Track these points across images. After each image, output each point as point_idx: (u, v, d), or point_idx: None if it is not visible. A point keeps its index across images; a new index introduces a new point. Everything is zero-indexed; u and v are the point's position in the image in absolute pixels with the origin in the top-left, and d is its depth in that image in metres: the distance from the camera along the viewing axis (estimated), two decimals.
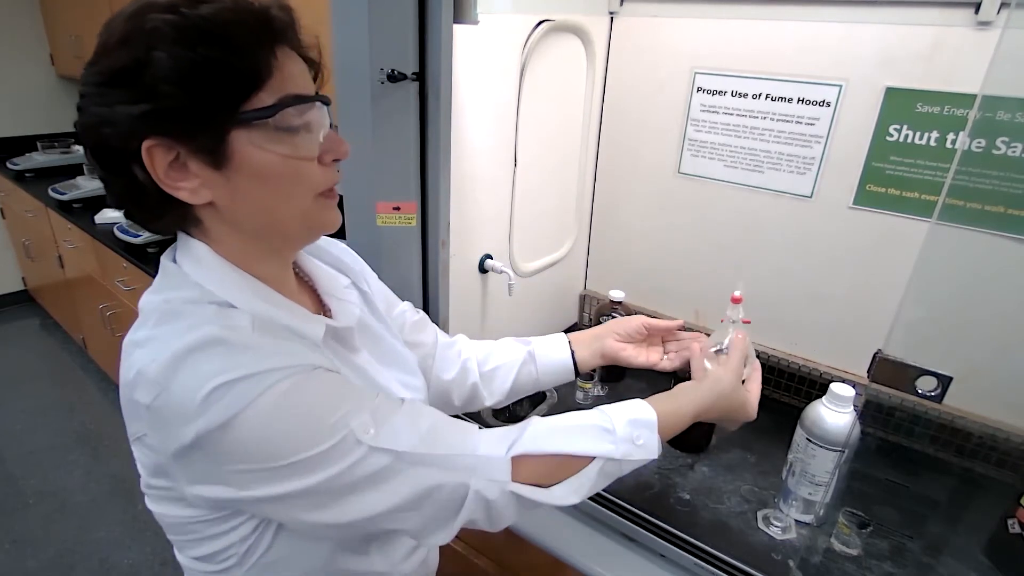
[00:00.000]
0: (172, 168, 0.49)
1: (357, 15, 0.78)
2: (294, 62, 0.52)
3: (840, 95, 0.99)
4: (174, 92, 0.46)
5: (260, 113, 0.49)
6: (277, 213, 0.54)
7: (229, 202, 0.52)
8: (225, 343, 0.48)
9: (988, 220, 0.87)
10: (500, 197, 1.09)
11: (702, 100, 1.13)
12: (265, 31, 0.50)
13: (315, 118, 0.53)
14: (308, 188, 0.54)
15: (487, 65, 0.95)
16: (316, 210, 0.55)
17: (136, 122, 0.47)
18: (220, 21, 0.47)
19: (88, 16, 2.54)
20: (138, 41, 0.46)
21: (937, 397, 0.63)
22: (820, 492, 0.87)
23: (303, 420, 0.48)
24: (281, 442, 0.47)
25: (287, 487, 0.48)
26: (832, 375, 1.12)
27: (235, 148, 0.49)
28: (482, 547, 1.03)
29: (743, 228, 1.16)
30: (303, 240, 0.60)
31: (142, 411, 0.49)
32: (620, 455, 0.61)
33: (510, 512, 0.59)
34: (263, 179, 0.51)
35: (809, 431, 0.86)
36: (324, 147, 0.54)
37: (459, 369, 0.82)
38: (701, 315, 1.27)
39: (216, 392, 0.45)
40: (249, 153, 0.50)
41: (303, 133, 0.52)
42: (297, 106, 0.51)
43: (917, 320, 0.68)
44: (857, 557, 0.83)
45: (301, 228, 0.57)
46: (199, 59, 0.46)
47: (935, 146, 0.93)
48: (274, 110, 0.49)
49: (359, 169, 0.88)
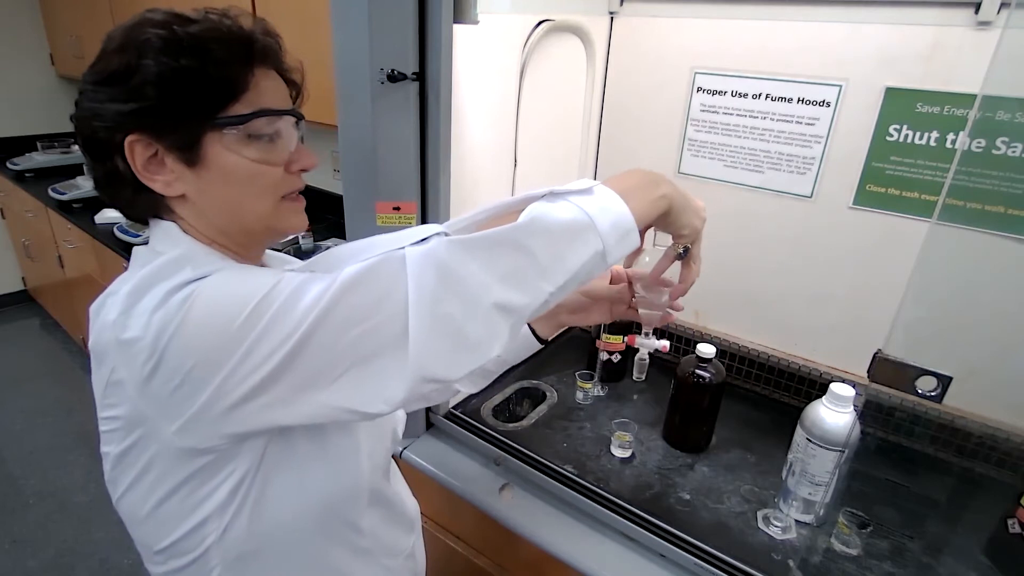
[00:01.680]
0: (150, 162, 0.55)
1: (357, 15, 0.78)
2: (273, 81, 0.58)
3: (840, 95, 0.99)
4: (156, 95, 0.52)
5: (233, 120, 0.54)
6: (242, 210, 0.58)
7: (199, 197, 0.57)
8: (192, 261, 0.53)
9: (988, 220, 0.87)
10: (500, 197, 1.08)
11: (702, 100, 1.13)
12: (246, 51, 0.56)
13: (285, 129, 0.58)
14: (272, 190, 0.58)
15: (487, 65, 0.95)
16: (279, 212, 0.60)
17: (122, 117, 0.53)
18: (205, 39, 0.53)
19: (88, 17, 2.54)
20: (131, 49, 0.53)
21: (937, 397, 0.63)
22: (820, 492, 0.87)
23: (245, 284, 0.50)
24: (232, 309, 0.48)
25: (252, 361, 0.47)
26: (832, 375, 1.12)
27: (208, 149, 0.55)
28: (482, 547, 1.03)
29: (743, 228, 1.16)
30: (266, 238, 0.64)
31: (112, 347, 0.51)
32: (566, 197, 0.55)
33: (464, 261, 0.50)
34: (230, 179, 0.56)
35: (809, 431, 0.86)
36: (292, 156, 0.59)
37: None
38: (701, 315, 1.27)
39: (171, 295, 0.49)
40: (220, 155, 0.55)
41: (272, 141, 0.57)
42: (268, 117, 0.56)
43: (917, 320, 0.68)
44: (857, 557, 0.83)
45: (264, 227, 0.61)
46: (181, 68, 0.52)
47: (935, 146, 0.93)
48: (246, 119, 0.55)
49: (359, 169, 0.89)
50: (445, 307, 0.49)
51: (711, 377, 0.99)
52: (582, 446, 1.04)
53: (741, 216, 1.15)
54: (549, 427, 1.09)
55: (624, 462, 1.01)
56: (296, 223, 0.62)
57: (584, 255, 0.53)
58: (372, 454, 0.67)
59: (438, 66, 0.80)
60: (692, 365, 1.00)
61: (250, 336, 0.47)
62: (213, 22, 0.55)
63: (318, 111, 1.96)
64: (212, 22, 0.55)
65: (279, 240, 0.69)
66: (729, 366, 1.22)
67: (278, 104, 0.58)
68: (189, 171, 0.55)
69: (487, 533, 0.97)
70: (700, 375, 0.99)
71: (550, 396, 1.17)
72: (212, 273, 0.51)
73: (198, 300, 0.48)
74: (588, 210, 0.54)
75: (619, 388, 1.22)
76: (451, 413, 1.06)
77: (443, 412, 1.05)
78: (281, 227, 0.62)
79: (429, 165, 0.87)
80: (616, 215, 0.55)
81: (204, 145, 0.55)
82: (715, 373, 1.00)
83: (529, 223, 0.53)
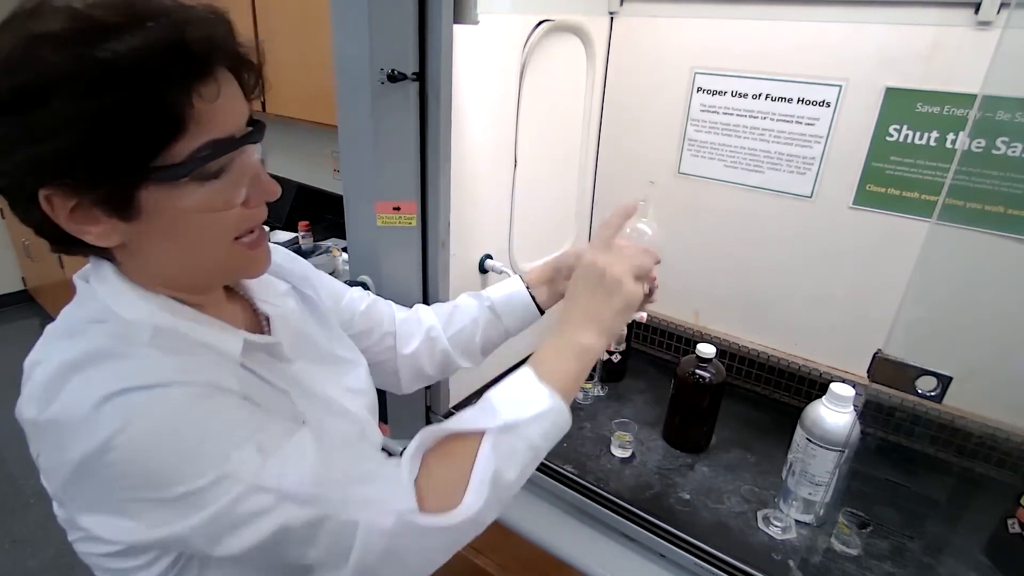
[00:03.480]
0: (75, 212, 0.45)
1: (357, 15, 0.78)
2: (225, 89, 0.46)
3: (840, 95, 0.99)
4: (67, 144, 0.41)
5: (173, 172, 0.44)
6: (191, 262, 0.51)
7: (139, 248, 0.49)
8: (115, 356, 0.45)
9: (988, 220, 0.87)
10: (500, 197, 1.09)
11: (702, 100, 1.13)
12: (179, 71, 0.43)
13: (240, 163, 0.49)
14: (225, 235, 0.50)
15: (487, 65, 0.95)
16: (234, 256, 0.52)
17: (27, 171, 0.43)
18: (126, 65, 0.41)
19: None
20: (26, 74, 0.40)
21: (937, 397, 0.63)
22: (820, 492, 0.87)
23: (188, 445, 0.45)
24: (165, 467, 0.44)
25: (173, 520, 0.45)
26: (832, 375, 1.12)
27: (145, 202, 0.45)
28: (482, 547, 1.03)
29: (743, 228, 1.16)
30: (224, 282, 0.58)
31: (30, 427, 0.47)
32: (507, 418, 0.55)
33: (421, 546, 0.53)
34: (175, 232, 0.48)
35: (809, 431, 0.86)
36: (250, 191, 0.50)
37: (423, 339, 0.81)
38: (701, 315, 1.27)
39: (103, 405, 0.42)
40: (161, 206, 0.46)
41: (224, 180, 0.48)
42: (220, 154, 0.46)
43: (917, 320, 0.68)
44: (857, 557, 0.83)
45: (219, 274, 0.55)
46: (99, 109, 0.41)
47: (935, 146, 0.93)
48: (189, 167, 0.45)
49: (359, 169, 0.89)
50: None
51: (711, 377, 0.99)
52: (582, 446, 1.04)
53: (741, 216, 1.15)
54: None
55: (624, 462, 1.01)
56: (255, 264, 0.55)
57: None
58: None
59: (438, 66, 0.80)
60: (692, 365, 1.00)
61: (180, 508, 0.44)
62: (134, 27, 0.41)
63: (318, 111, 1.98)
64: (132, 28, 0.41)
65: (239, 280, 0.62)
66: (729, 366, 1.22)
67: (232, 125, 0.48)
68: (125, 224, 0.46)
69: (487, 533, 0.96)
70: (700, 375, 0.99)
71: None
72: (156, 386, 0.44)
73: (138, 429, 0.43)
74: (538, 443, 0.57)
75: (619, 388, 1.22)
76: (451, 413, 1.06)
77: (443, 412, 1.05)
78: (238, 272, 0.56)
79: (429, 165, 0.87)
80: (562, 427, 0.59)
81: (140, 198, 0.45)
82: (715, 373, 1.00)
83: (490, 502, 0.55)
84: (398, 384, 0.83)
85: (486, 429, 0.55)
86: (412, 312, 0.84)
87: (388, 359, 0.81)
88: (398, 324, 0.81)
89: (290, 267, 0.71)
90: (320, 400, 0.62)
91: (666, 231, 0.76)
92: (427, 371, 0.82)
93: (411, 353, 0.81)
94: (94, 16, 0.42)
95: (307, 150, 2.40)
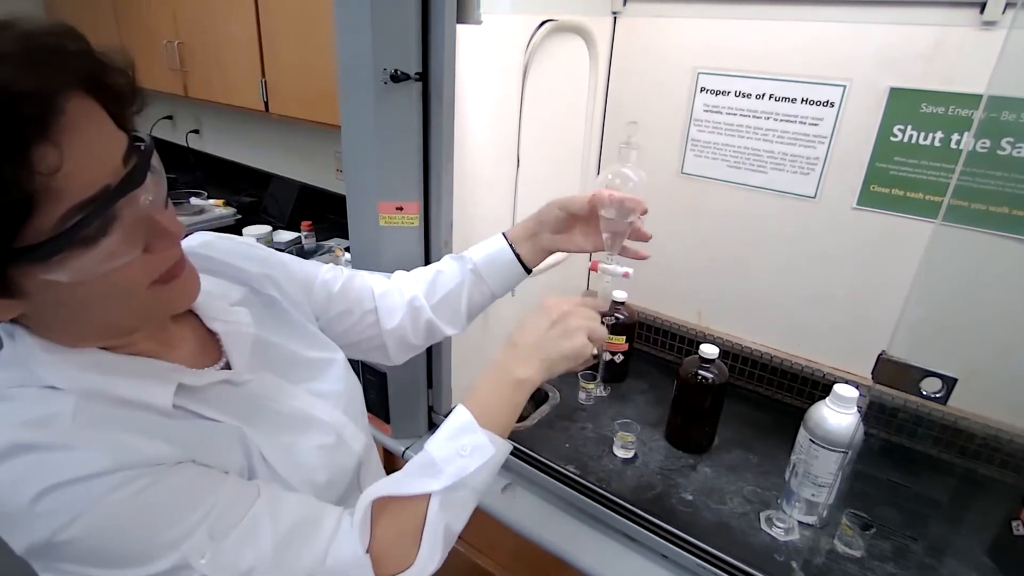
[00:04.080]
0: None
1: (360, 16, 0.78)
2: (78, 140, 0.39)
3: (844, 95, 0.99)
4: None
5: (41, 251, 0.38)
6: (103, 321, 0.47)
7: (44, 317, 0.45)
8: (32, 449, 0.42)
9: (993, 221, 0.87)
10: (503, 197, 1.09)
11: (705, 100, 1.13)
12: (10, 140, 0.36)
13: (122, 214, 0.42)
14: (132, 291, 0.45)
15: (490, 65, 0.95)
16: (152, 300, 0.47)
17: None
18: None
19: (90, 16, 2.54)
20: None
21: (942, 399, 0.63)
22: (823, 493, 0.87)
23: (138, 534, 0.44)
24: (118, 552, 0.44)
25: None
26: (835, 376, 1.11)
27: (27, 282, 0.41)
28: (484, 547, 1.03)
29: (746, 228, 1.15)
30: (149, 325, 0.53)
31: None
32: (452, 479, 0.56)
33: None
34: (75, 301, 0.43)
35: (812, 432, 0.86)
36: (148, 237, 0.44)
37: (405, 310, 0.78)
38: (704, 315, 1.27)
39: (40, 500, 0.41)
40: (47, 284, 0.41)
41: (112, 236, 0.41)
42: (91, 220, 0.40)
43: (921, 321, 0.68)
44: (860, 558, 0.83)
45: (140, 321, 0.50)
46: None
47: (939, 146, 0.93)
48: (60, 242, 0.38)
49: (362, 169, 0.89)
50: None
51: (714, 378, 0.99)
52: (584, 446, 1.04)
53: (744, 216, 1.15)
54: (551, 427, 1.09)
55: (626, 462, 1.01)
56: (177, 301, 0.51)
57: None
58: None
59: (441, 66, 0.80)
60: (695, 366, 1.00)
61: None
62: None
63: (321, 111, 1.98)
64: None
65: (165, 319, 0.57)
66: (732, 367, 1.22)
67: (101, 174, 0.40)
68: (12, 301, 0.42)
69: (490, 533, 0.96)
70: (703, 375, 0.99)
71: (552, 396, 1.17)
72: (92, 476, 0.42)
73: (80, 525, 0.42)
74: (482, 487, 0.58)
75: (621, 389, 1.22)
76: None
77: (445, 412, 1.06)
78: (160, 314, 0.52)
79: (432, 165, 0.87)
80: (502, 460, 0.60)
81: (13, 278, 0.40)
82: (718, 374, 0.99)
83: (442, 553, 0.56)
84: (387, 357, 0.81)
85: (431, 492, 0.56)
86: (392, 283, 0.80)
87: (373, 335, 0.78)
88: (378, 299, 0.78)
89: (245, 266, 0.65)
90: (285, 418, 0.60)
91: (648, 178, 0.74)
92: (412, 341, 0.80)
93: (395, 327, 0.78)
94: None
95: (310, 150, 2.40)
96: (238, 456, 0.54)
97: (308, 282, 0.73)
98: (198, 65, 2.16)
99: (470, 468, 0.56)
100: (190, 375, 0.53)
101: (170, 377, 0.51)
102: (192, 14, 2.10)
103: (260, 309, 0.65)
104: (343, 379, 0.68)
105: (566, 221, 0.76)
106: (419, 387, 1.03)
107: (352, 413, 0.67)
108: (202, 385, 0.54)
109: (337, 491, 0.63)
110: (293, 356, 0.65)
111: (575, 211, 0.75)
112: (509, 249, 0.79)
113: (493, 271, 0.79)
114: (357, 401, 0.70)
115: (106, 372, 0.48)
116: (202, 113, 2.88)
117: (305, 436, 0.60)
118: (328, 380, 0.67)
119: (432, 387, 1.04)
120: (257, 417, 0.57)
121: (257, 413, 0.57)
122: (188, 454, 0.49)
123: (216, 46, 2.04)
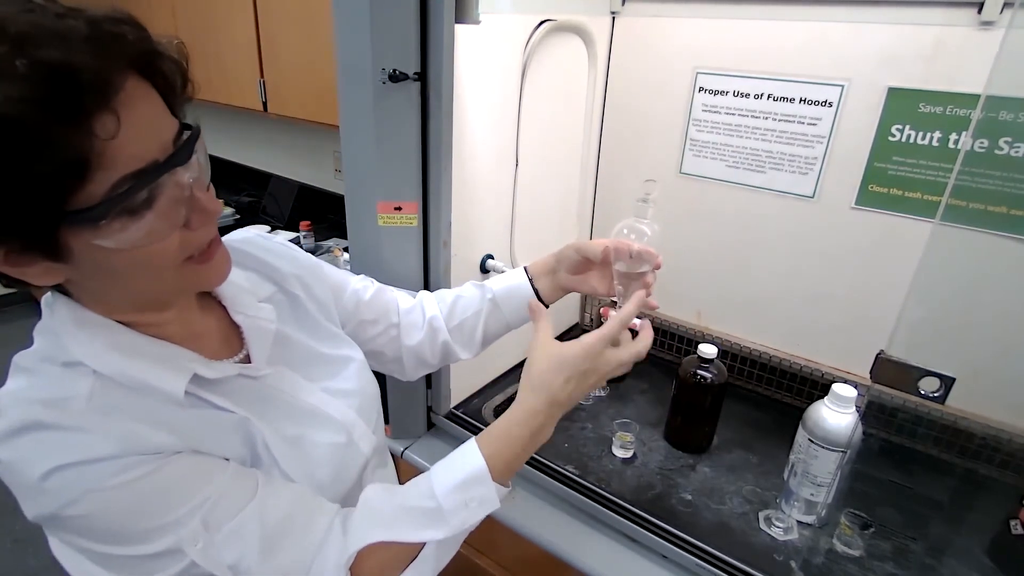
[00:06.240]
0: (9, 256, 0.43)
1: (359, 15, 0.78)
2: (133, 114, 0.42)
3: (842, 95, 0.99)
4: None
5: (90, 215, 0.41)
6: (139, 291, 0.50)
7: (83, 283, 0.49)
8: (48, 427, 0.45)
9: (991, 220, 0.87)
10: (502, 197, 1.09)
11: (704, 100, 1.13)
12: (74, 107, 0.39)
13: (167, 189, 0.45)
14: (169, 263, 0.48)
15: (489, 65, 0.95)
16: (185, 276, 0.50)
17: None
18: (14, 114, 0.37)
19: None
20: None
21: (940, 398, 0.63)
22: (822, 493, 0.87)
23: (132, 516, 0.47)
24: (118, 530, 0.47)
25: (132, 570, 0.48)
26: (834, 376, 1.11)
27: (70, 243, 0.43)
28: (483, 547, 1.03)
29: (745, 228, 1.15)
30: (179, 299, 0.56)
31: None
32: (455, 529, 0.57)
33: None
34: (115, 268, 0.46)
35: (811, 432, 0.86)
36: (189, 212, 0.47)
37: (426, 330, 0.81)
38: (703, 315, 1.27)
39: (49, 477, 0.44)
40: (92, 248, 0.43)
41: (155, 210, 0.44)
42: (139, 190, 0.43)
43: (920, 320, 0.68)
44: (859, 558, 0.83)
45: (172, 295, 0.54)
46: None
47: (938, 146, 0.93)
48: (108, 207, 0.41)
49: (361, 169, 0.89)
50: None
51: (713, 378, 0.99)
52: (584, 446, 1.04)
53: (743, 216, 1.15)
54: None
55: (626, 462, 1.01)
56: (210, 279, 0.53)
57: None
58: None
59: (440, 66, 0.80)
60: (694, 366, 1.00)
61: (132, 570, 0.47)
62: (3, 69, 0.37)
63: (320, 111, 1.98)
64: (10, 70, 0.37)
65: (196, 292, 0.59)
66: (731, 366, 1.22)
67: (152, 149, 0.43)
68: (59, 264, 0.45)
69: (489, 533, 0.96)
70: (702, 375, 0.99)
71: None
72: (99, 460, 0.45)
73: (83, 505, 0.45)
74: (475, 525, 0.59)
75: (621, 388, 1.22)
76: (452, 413, 1.06)
77: (444, 412, 1.05)
78: (192, 289, 0.55)
79: (431, 165, 0.87)
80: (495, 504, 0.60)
81: (63, 240, 0.43)
82: (717, 374, 1.00)
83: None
84: (402, 371, 0.83)
85: (433, 540, 0.57)
86: (417, 301, 0.83)
87: (394, 348, 0.81)
88: (402, 314, 0.81)
89: (278, 265, 0.68)
90: (297, 412, 0.61)
91: (663, 231, 0.75)
92: (429, 360, 0.83)
93: (415, 344, 0.80)
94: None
95: (309, 150, 2.40)
96: (240, 445, 0.55)
97: (340, 287, 0.76)
98: (197, 65, 2.13)
99: (473, 519, 0.58)
100: (207, 366, 0.55)
101: (187, 366, 0.53)
102: (191, 14, 2.11)
103: (285, 306, 0.67)
104: (359, 378, 0.70)
105: (582, 264, 0.78)
106: (418, 387, 1.03)
107: (365, 413, 0.68)
108: (217, 377, 0.55)
109: (339, 490, 0.63)
110: (312, 353, 0.67)
111: (589, 256, 0.76)
112: (528, 284, 0.81)
113: (511, 302, 0.81)
114: (372, 401, 0.71)
115: (127, 354, 0.51)
116: (201, 113, 2.87)
117: (316, 432, 0.61)
118: (344, 379, 0.68)
119: (431, 387, 1.04)
120: (268, 409, 0.58)
121: (269, 405, 0.58)
122: (190, 443, 0.51)
123: (215, 46, 2.04)
